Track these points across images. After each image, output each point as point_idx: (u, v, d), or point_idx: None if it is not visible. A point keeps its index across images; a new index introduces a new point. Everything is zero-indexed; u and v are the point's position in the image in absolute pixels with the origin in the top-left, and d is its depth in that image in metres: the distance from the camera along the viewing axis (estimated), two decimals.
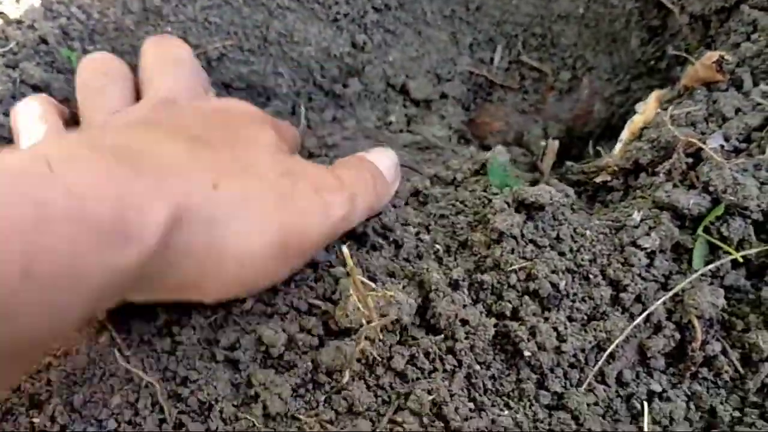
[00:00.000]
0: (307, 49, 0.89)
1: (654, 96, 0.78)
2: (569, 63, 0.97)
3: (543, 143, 0.76)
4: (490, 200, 0.69)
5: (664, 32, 0.90)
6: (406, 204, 0.74)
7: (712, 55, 0.71)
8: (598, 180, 0.76)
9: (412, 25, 0.96)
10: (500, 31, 1.00)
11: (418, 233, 0.69)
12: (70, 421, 0.53)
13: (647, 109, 0.77)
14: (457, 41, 0.98)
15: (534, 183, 0.76)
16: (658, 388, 0.62)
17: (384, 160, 0.71)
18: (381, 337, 0.58)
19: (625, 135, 0.77)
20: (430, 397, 0.55)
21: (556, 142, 0.77)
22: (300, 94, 0.91)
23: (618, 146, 0.77)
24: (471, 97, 0.99)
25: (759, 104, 0.68)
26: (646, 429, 0.57)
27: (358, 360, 0.57)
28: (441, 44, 0.97)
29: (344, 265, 0.63)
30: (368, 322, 0.54)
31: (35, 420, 0.53)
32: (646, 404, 0.58)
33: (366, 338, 0.55)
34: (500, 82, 0.98)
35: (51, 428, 0.53)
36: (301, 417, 0.55)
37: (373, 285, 0.60)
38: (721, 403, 0.61)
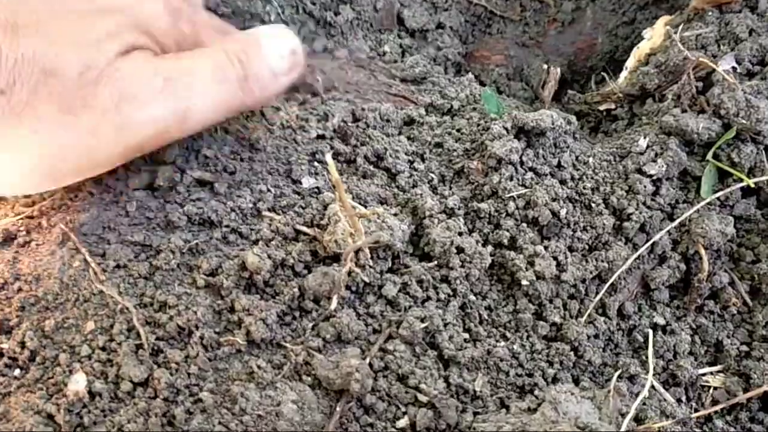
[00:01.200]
0: None
1: (662, 21, 0.74)
2: None
3: (545, 68, 0.72)
4: (488, 128, 0.65)
5: None
6: (400, 133, 0.70)
7: None
8: (602, 108, 0.72)
9: None
10: None
11: (412, 162, 0.66)
12: (41, 347, 0.50)
13: (654, 35, 0.73)
14: None
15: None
16: (661, 321, 0.59)
17: (274, 45, 0.59)
18: (371, 263, 0.55)
19: (630, 62, 0.73)
20: (423, 325, 0.52)
21: (558, 69, 0.73)
22: (289, 23, 0.86)
23: (623, 74, 0.73)
24: (469, 29, 0.94)
25: None
26: (650, 361, 0.54)
27: (348, 287, 0.54)
28: None
29: (332, 188, 0.60)
30: (353, 242, 0.51)
31: (3, 345, 0.50)
32: (651, 333, 0.55)
33: (353, 260, 0.52)
34: (500, 13, 0.93)
35: (20, 354, 0.50)
36: (286, 344, 0.52)
37: (362, 208, 0.56)
38: (728, 337, 0.59)
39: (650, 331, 0.57)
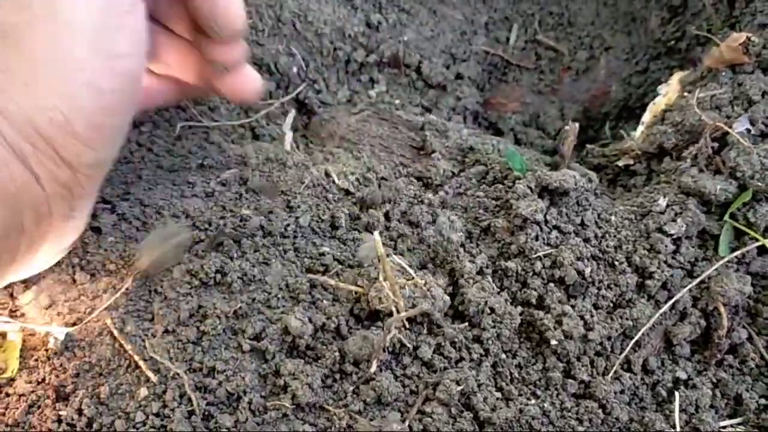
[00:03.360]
0: (321, 29, 0.87)
1: (676, 78, 0.77)
2: (586, 42, 0.96)
3: (563, 126, 0.75)
4: (512, 185, 0.68)
5: (685, 11, 0.89)
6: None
7: (738, 37, 0.70)
8: (620, 164, 0.75)
9: (427, 3, 0.94)
10: (516, 10, 0.99)
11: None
12: (97, 414, 0.53)
13: (669, 91, 0.76)
14: (473, 20, 0.96)
15: (553, 166, 0.75)
16: (683, 376, 0.62)
17: None
18: (408, 326, 0.57)
19: (647, 118, 0.76)
20: (459, 388, 0.55)
21: (576, 125, 0.75)
22: (314, 75, 0.89)
23: (640, 129, 0.76)
24: (486, 78, 0.97)
25: None
26: (677, 419, 0.56)
27: (384, 349, 0.56)
28: (456, 23, 0.95)
29: (375, 253, 0.62)
30: (397, 312, 0.54)
31: (62, 413, 0.53)
32: (677, 395, 0.58)
33: (395, 328, 0.55)
34: (516, 62, 0.97)
35: (78, 421, 0.52)
36: (329, 408, 0.54)
37: (412, 272, 0.59)
38: (747, 391, 0.61)
39: (672, 386, 0.60)
